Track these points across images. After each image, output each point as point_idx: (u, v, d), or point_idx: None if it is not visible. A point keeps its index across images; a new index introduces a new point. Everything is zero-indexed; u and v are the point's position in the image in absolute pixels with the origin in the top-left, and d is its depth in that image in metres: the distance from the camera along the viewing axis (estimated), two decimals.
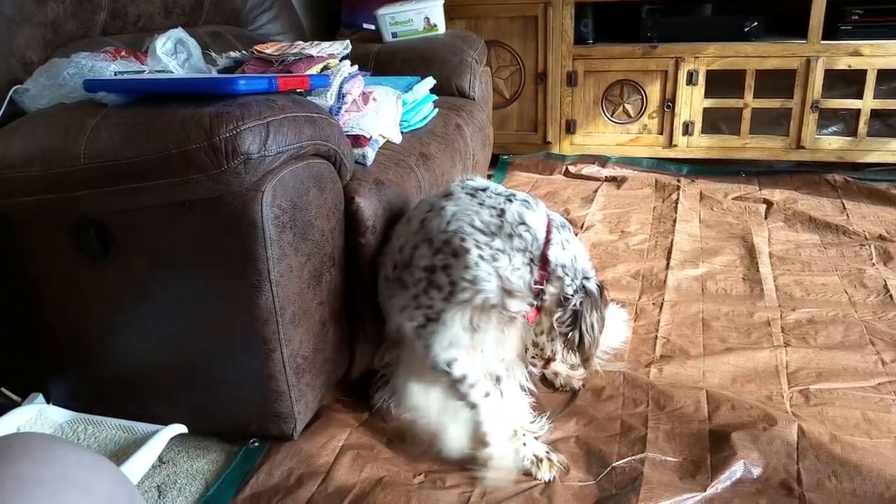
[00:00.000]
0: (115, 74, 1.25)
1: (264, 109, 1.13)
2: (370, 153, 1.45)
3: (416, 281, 1.30)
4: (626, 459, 1.30)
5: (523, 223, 1.26)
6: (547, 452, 1.30)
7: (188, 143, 1.09)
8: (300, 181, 1.20)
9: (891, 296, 1.90)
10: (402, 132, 1.65)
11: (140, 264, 1.26)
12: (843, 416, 1.42)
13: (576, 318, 1.29)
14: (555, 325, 1.30)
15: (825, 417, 1.42)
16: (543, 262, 1.26)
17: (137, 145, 1.13)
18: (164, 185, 1.14)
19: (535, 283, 1.27)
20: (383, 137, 1.54)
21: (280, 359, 1.25)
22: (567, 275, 1.28)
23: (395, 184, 1.47)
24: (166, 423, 1.40)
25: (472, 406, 1.29)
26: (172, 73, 1.31)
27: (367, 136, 1.44)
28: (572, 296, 1.28)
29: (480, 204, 1.28)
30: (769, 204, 2.61)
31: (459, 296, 1.25)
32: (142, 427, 1.32)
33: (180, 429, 1.30)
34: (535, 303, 1.29)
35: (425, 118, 1.79)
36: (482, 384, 1.29)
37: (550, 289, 1.29)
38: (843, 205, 2.59)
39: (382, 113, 1.51)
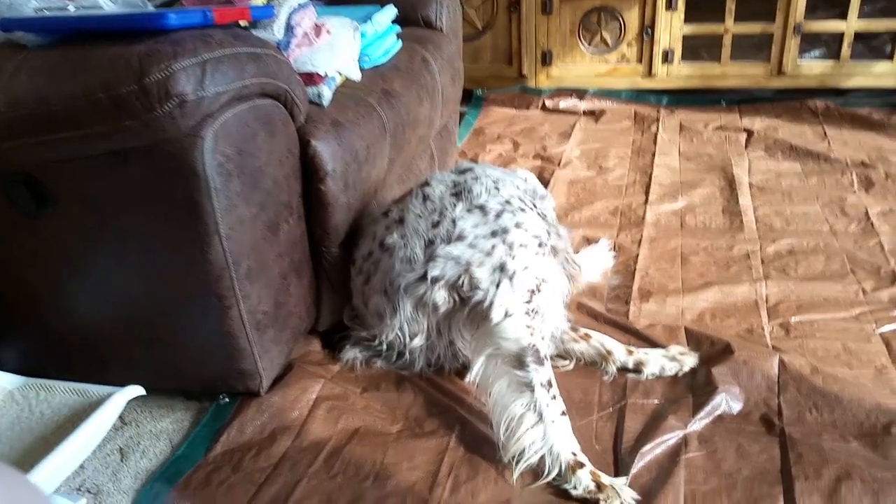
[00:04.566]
0: (36, 11, 1.13)
1: (200, 46, 1.03)
2: (326, 92, 1.35)
3: (489, 250, 1.23)
4: (606, 410, 1.27)
5: (540, 191, 1.43)
6: (612, 484, 1.09)
7: (117, 87, 1.00)
8: (245, 124, 1.11)
9: (872, 223, 1.86)
10: (362, 68, 1.55)
11: (81, 219, 1.17)
12: (823, 348, 1.39)
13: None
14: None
15: (806, 349, 1.39)
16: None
17: (62, 91, 1.03)
18: (94, 134, 1.04)
19: None
20: (340, 74, 1.44)
21: (238, 315, 1.18)
22: None
23: (355, 125, 1.38)
24: (127, 382, 1.34)
25: (548, 421, 1.14)
26: (102, 8, 1.19)
27: (322, 74, 1.34)
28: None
29: (504, 174, 1.37)
30: (750, 133, 2.54)
31: (547, 245, 1.29)
32: (97, 390, 1.25)
33: (138, 391, 1.24)
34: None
35: (388, 52, 1.68)
36: (559, 397, 1.18)
37: None
38: (825, 131, 2.53)
39: (338, 47, 1.41)
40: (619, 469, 1.14)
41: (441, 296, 1.26)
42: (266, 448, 1.21)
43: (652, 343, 1.42)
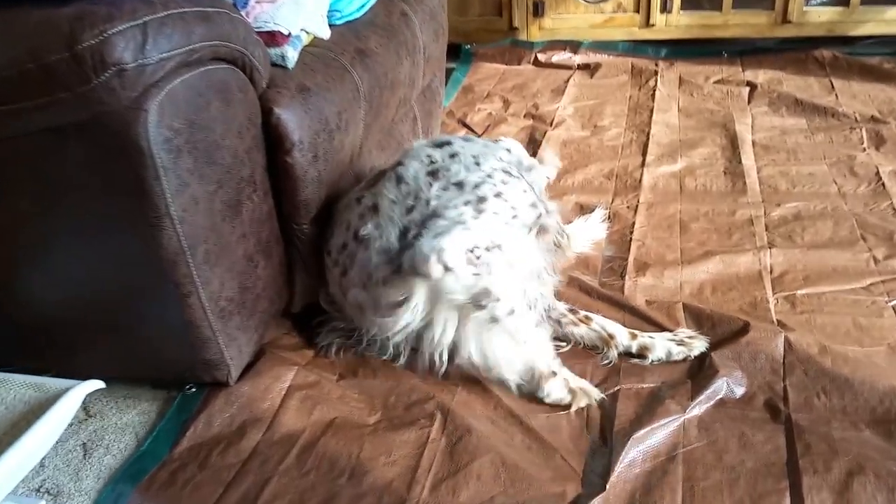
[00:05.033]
0: None
1: (139, 6, 0.91)
2: (291, 53, 1.23)
3: (456, 217, 1.13)
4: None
5: (527, 162, 1.32)
6: (581, 387, 1.18)
7: (46, 55, 0.88)
8: (197, 94, 1.00)
9: (883, 184, 1.76)
10: (332, 24, 1.42)
11: (26, 202, 1.07)
12: (832, 324, 1.30)
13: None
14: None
15: (813, 326, 1.30)
16: None
17: None
18: (27, 109, 0.93)
19: None
20: (307, 33, 1.31)
21: (198, 303, 1.08)
22: None
23: (324, 89, 1.26)
24: (93, 371, 1.26)
25: (523, 341, 1.17)
26: None
27: (286, 33, 1.22)
28: None
29: (486, 147, 1.27)
30: (753, 87, 2.42)
31: (526, 216, 1.19)
32: (54, 383, 1.16)
33: (96, 384, 1.15)
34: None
35: (362, 6, 1.54)
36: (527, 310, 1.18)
37: None
38: (832, 84, 2.40)
39: (304, 2, 1.28)
40: (612, 457, 1.05)
41: None
42: (235, 443, 1.13)
43: (647, 320, 1.33)
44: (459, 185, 1.17)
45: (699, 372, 1.19)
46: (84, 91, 0.89)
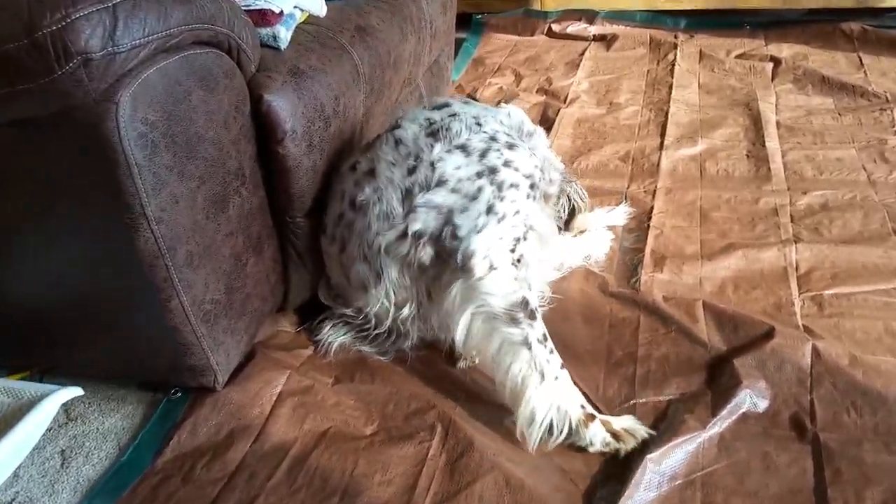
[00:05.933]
0: None
1: None
2: (283, 33, 1.13)
3: (474, 193, 1.08)
4: (612, 408, 1.11)
5: (528, 127, 1.24)
6: (624, 428, 1.05)
7: (4, 42, 0.79)
8: (175, 82, 0.90)
9: None
10: (330, 1, 1.31)
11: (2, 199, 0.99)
12: (862, 329, 1.21)
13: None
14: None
15: (842, 331, 1.21)
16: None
17: None
18: None
19: None
20: (301, 10, 1.21)
21: (180, 308, 1.00)
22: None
23: (320, 71, 1.16)
24: (77, 370, 1.21)
25: (551, 378, 1.05)
26: None
27: (277, 11, 1.11)
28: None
29: (486, 109, 1.22)
30: (776, 62, 2.29)
31: (540, 186, 1.17)
32: (31, 389, 1.10)
33: (74, 392, 1.09)
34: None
35: None
36: (555, 350, 1.08)
37: None
38: (861, 59, 2.27)
39: None
40: (625, 480, 0.98)
41: (427, 253, 1.09)
42: (221, 454, 1.06)
43: (664, 318, 1.25)
44: (464, 149, 1.11)
45: (720, 381, 1.11)
46: (47, 83, 0.80)
